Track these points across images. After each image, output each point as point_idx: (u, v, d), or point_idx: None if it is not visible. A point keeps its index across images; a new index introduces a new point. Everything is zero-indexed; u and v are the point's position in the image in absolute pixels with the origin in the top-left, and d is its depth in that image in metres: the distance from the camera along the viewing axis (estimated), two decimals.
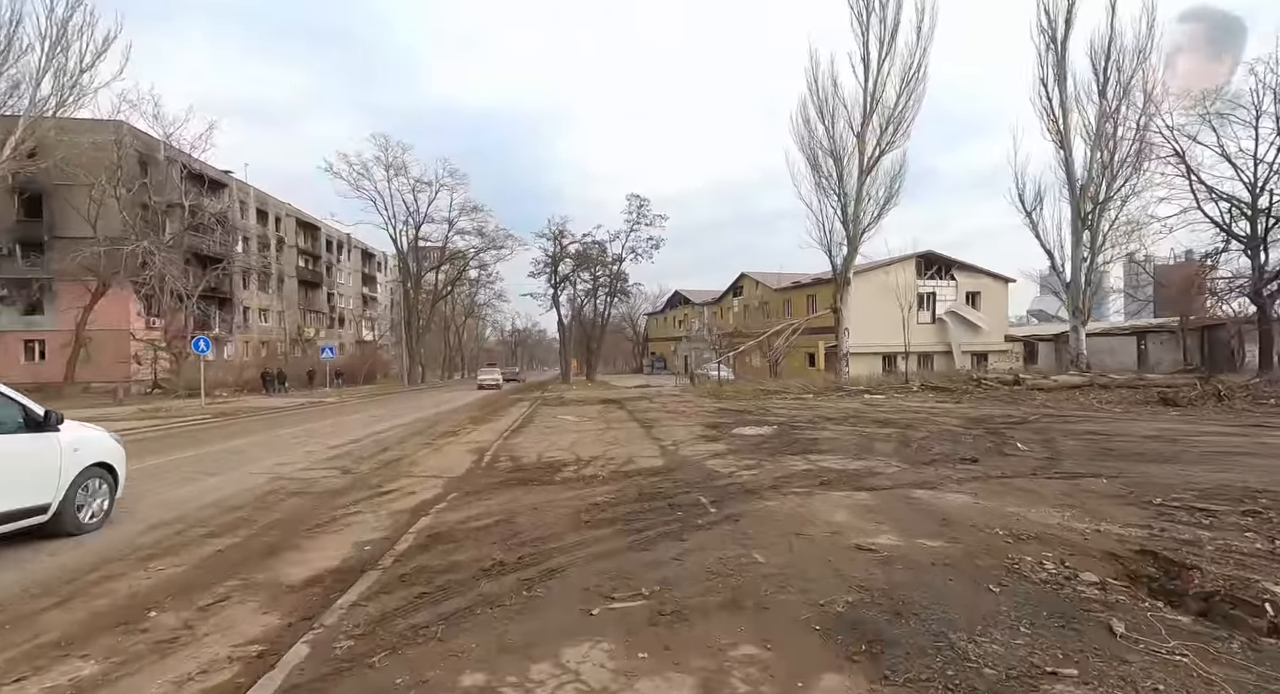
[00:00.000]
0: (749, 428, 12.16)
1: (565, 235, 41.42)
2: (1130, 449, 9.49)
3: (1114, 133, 23.59)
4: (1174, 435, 10.81)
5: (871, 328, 31.30)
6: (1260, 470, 7.41)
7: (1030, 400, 18.24)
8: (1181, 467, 7.80)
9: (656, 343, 69.29)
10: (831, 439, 10.46)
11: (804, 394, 21.70)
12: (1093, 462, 8.47)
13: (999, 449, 9.56)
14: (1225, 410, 15.02)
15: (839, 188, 26.29)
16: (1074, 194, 24.28)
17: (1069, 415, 14.16)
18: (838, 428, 12.15)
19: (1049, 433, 11.34)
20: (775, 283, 42.36)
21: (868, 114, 25.22)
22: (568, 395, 24.69)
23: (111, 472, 6.15)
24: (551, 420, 14.92)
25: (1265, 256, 27.75)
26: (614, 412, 16.69)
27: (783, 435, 10.97)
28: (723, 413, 15.65)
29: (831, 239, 26.72)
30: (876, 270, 33.96)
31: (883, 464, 8.02)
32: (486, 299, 70.41)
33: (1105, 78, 23.13)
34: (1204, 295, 32.87)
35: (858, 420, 13.51)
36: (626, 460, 8.52)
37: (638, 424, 13.14)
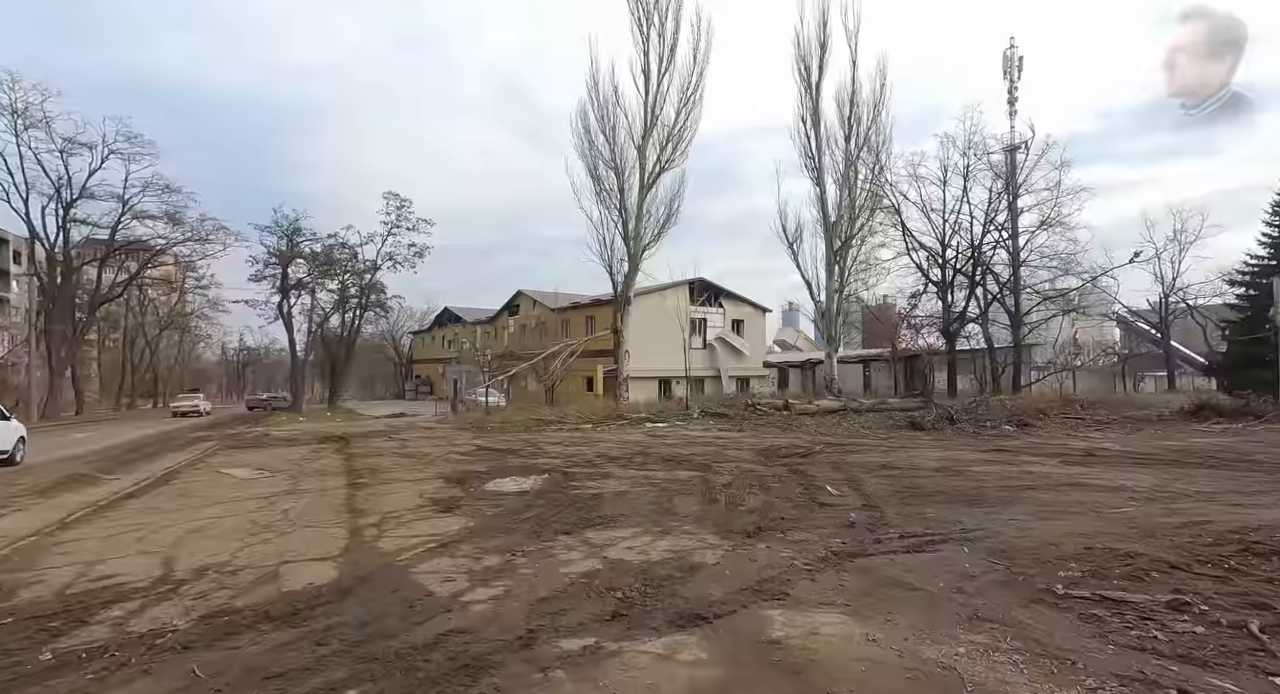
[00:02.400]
0: (510, 480, 8.90)
1: (301, 233, 33.69)
2: (933, 487, 8.57)
3: (854, 178, 26.11)
4: (955, 466, 10.41)
5: (649, 352, 30.53)
6: (1073, 514, 6.78)
7: (802, 426, 18.12)
8: (998, 511, 6.91)
9: (423, 365, 62.11)
10: (620, 495, 7.73)
11: (583, 423, 19.16)
12: (910, 508, 7.32)
13: (813, 498, 7.82)
14: (960, 433, 16.21)
15: (620, 202, 24.94)
16: (827, 229, 26.29)
17: (847, 444, 13.67)
18: (625, 473, 9.55)
19: (845, 468, 10.21)
20: (554, 302, 40.04)
21: (648, 127, 24.37)
22: (278, 431, 18.61)
23: (24, 439, 12.86)
24: (204, 478, 9.80)
25: (951, 298, 33.73)
26: (324, 458, 11.98)
27: (554, 492, 7.93)
28: (481, 454, 12.13)
29: (613, 254, 25.18)
30: (653, 294, 33.66)
31: (697, 543, 5.42)
32: (197, 308, 56.03)
33: (850, 126, 25.60)
34: (900, 331, 39.04)
35: (646, 459, 11.15)
36: (266, 574, 4.59)
37: (345, 480, 8.93)
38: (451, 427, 19.47)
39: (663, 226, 24.82)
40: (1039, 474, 9.58)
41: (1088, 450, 12.54)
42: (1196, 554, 5.04)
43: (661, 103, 24.26)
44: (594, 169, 24.98)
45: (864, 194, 26.60)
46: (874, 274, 29.74)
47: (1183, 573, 4.66)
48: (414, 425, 20.03)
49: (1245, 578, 4.52)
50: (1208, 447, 13.82)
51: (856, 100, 25.46)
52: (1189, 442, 14.77)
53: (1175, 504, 7.41)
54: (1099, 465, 10.63)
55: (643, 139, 24.47)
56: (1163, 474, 9.70)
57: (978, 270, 30.87)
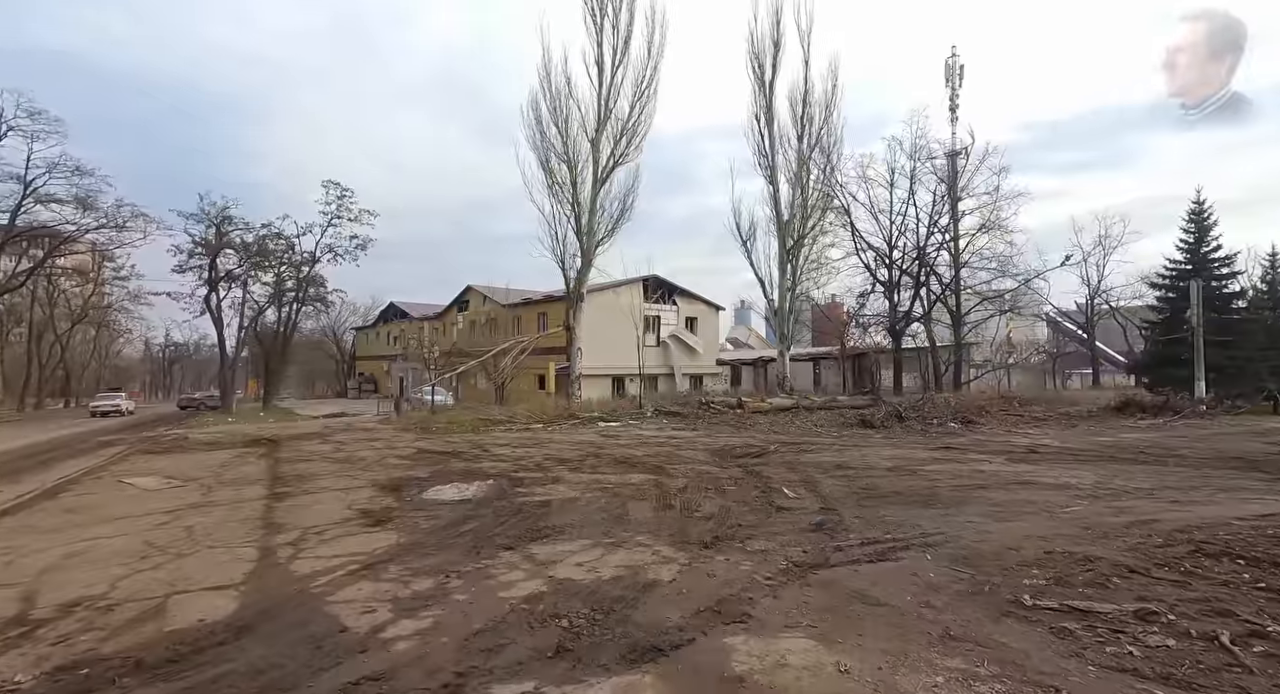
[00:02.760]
0: (451, 486, 8.31)
1: (231, 221, 31.49)
2: (888, 488, 8.50)
3: (807, 178, 26.32)
4: (908, 465, 10.42)
5: (602, 349, 30.06)
6: (1027, 514, 6.77)
7: (756, 425, 18.06)
8: (954, 513, 6.86)
9: (366, 362, 59.71)
10: (570, 502, 7.29)
11: (533, 423, 18.56)
12: (868, 510, 7.23)
13: (769, 501, 7.59)
14: (909, 431, 16.46)
15: (573, 197, 24.33)
16: (780, 227, 26.40)
17: (801, 443, 13.60)
18: (576, 477, 9.09)
19: (801, 469, 10.06)
20: (505, 298, 38.99)
21: (602, 120, 23.85)
22: (200, 434, 17.23)
23: None
24: (102, 490, 8.77)
25: (898, 298, 34.59)
26: (247, 463, 11.02)
27: (499, 500, 7.41)
28: (422, 457, 11.42)
29: (565, 250, 24.55)
30: (607, 291, 33.19)
31: (651, 556, 5.04)
32: (116, 301, 52.04)
33: (802, 125, 25.78)
34: (849, 330, 39.86)
35: (598, 461, 10.72)
36: (149, 609, 3.93)
37: (266, 489, 8.13)
38: (394, 427, 18.52)
39: (616, 222, 24.41)
40: (988, 472, 9.67)
41: (1030, 447, 12.86)
42: (1152, 557, 5.00)
43: (615, 96, 23.83)
44: (546, 161, 24.32)
45: (815, 194, 26.85)
46: (824, 273, 30.12)
47: (1142, 577, 4.59)
48: (352, 426, 18.96)
49: (1202, 581, 4.47)
50: (1137, 442, 14.43)
51: (809, 100, 25.68)
52: (1119, 437, 15.41)
53: (1119, 501, 7.52)
54: (1042, 462, 10.86)
55: (596, 132, 23.94)
56: (1101, 470, 9.95)
57: (922, 271, 31.70)
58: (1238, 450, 12.89)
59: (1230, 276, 23.82)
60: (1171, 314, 24.67)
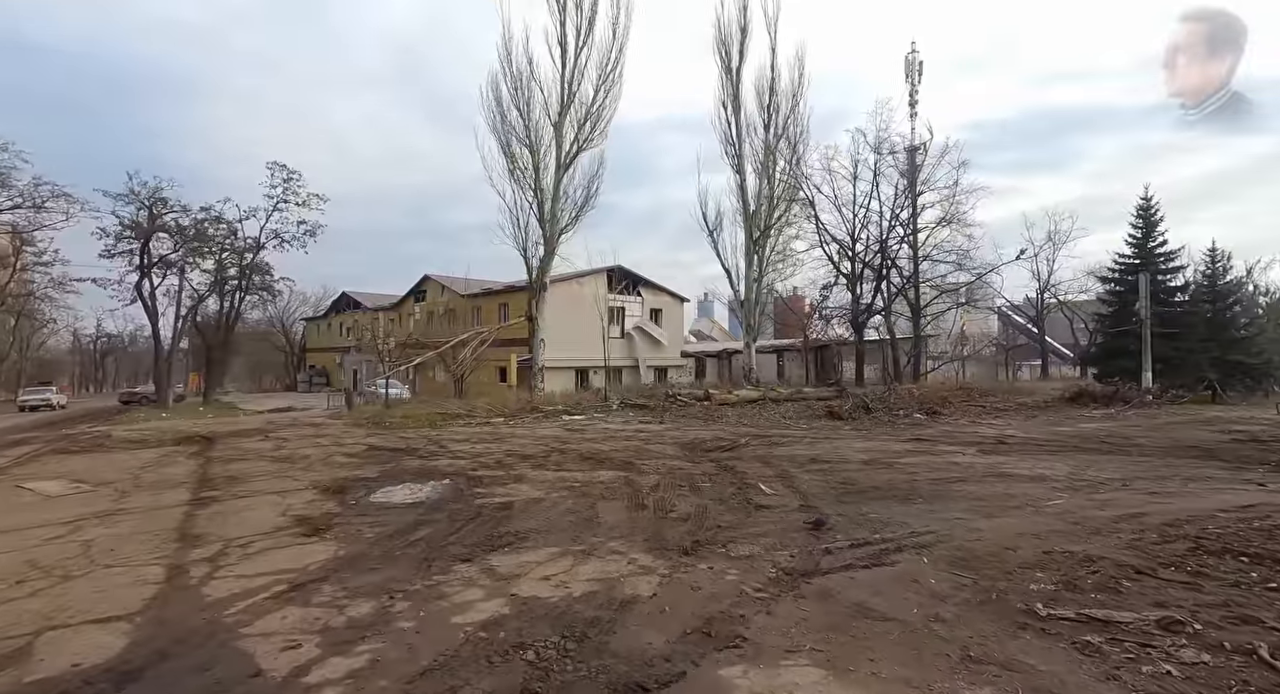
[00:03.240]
0: (403, 487, 7.60)
1: (166, 204, 29.28)
2: (866, 482, 8.21)
3: (773, 168, 26.09)
4: (882, 458, 10.18)
5: (565, 341, 29.34)
6: (1012, 509, 6.59)
7: (724, 417, 17.73)
8: (939, 508, 6.60)
9: (317, 354, 57.29)
10: (534, 504, 6.69)
11: (494, 417, 17.80)
12: (849, 506, 6.93)
13: (748, 499, 7.17)
14: (877, 422, 16.38)
15: (535, 183, 23.46)
16: (747, 218, 26.10)
17: (772, 436, 13.28)
18: (540, 475, 8.49)
19: (775, 463, 9.69)
20: (464, 288, 37.74)
21: (565, 104, 23.03)
22: (126, 431, 15.81)
23: None
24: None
25: (860, 290, 34.90)
26: (174, 464, 9.98)
27: (456, 502, 6.76)
28: (372, 455, 10.61)
29: (527, 237, 23.69)
30: (570, 281, 32.43)
31: (627, 565, 4.52)
32: (39, 288, 48.24)
33: (769, 114, 25.48)
34: (812, 322, 40.15)
35: (563, 458, 10.13)
36: (10, 652, 3.21)
37: (190, 494, 7.23)
38: (344, 423, 17.47)
39: (580, 209, 23.67)
40: (963, 464, 9.50)
41: (997, 438, 12.85)
42: (1154, 555, 4.75)
43: (579, 78, 23.03)
44: (507, 145, 23.38)
45: (782, 184, 26.65)
46: (789, 265, 30.06)
47: (1151, 579, 4.31)
48: (298, 422, 17.81)
49: (1212, 582, 4.22)
50: (1096, 431, 14.67)
51: (776, 88, 25.38)
52: (1079, 427, 15.66)
53: (1098, 494, 7.38)
54: (1012, 453, 10.79)
55: (560, 115, 23.10)
56: (1071, 461, 9.91)
57: (884, 264, 32.01)
58: (1191, 439, 13.19)
59: (1175, 271, 24.70)
60: (1120, 307, 25.46)
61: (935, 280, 34.01)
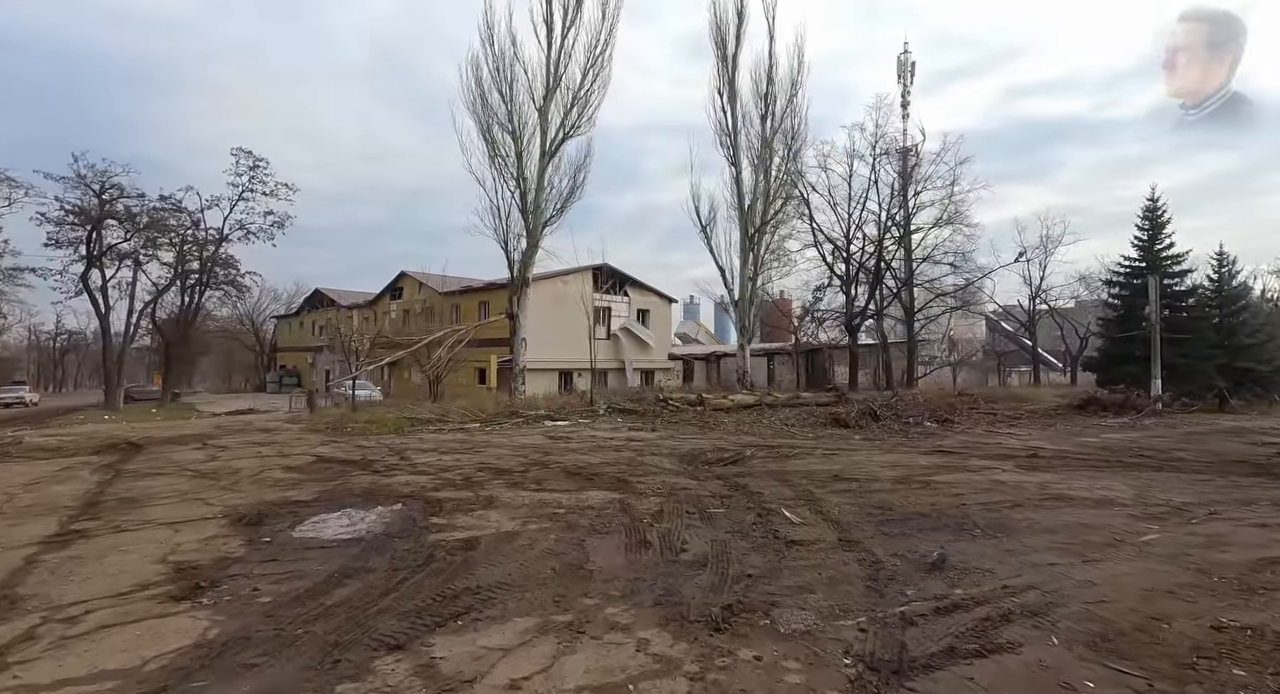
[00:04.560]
0: (341, 515, 6.08)
1: (119, 190, 27.17)
2: (906, 506, 6.93)
3: (770, 161, 24.86)
4: (912, 474, 8.88)
5: (549, 342, 27.85)
6: (1106, 547, 5.29)
7: (720, 423, 16.36)
8: (1013, 546, 5.37)
9: (289, 353, 54.96)
10: (505, 541, 5.23)
11: (469, 422, 16.23)
12: (897, 541, 5.52)
13: (773, 531, 5.81)
14: (887, 430, 15.13)
15: (518, 171, 21.93)
16: (742, 212, 24.83)
17: (778, 446, 11.93)
18: (515, 497, 7.02)
19: (791, 481, 8.34)
20: (442, 285, 36.02)
21: (551, 88, 21.57)
22: (43, 437, 13.94)
23: None
24: None
25: (855, 292, 33.84)
26: (72, 480, 8.27)
27: (404, 538, 5.27)
28: (316, 469, 9.02)
29: (509, 229, 22.12)
30: (554, 279, 30.95)
31: (635, 654, 3.09)
32: None
33: (766, 105, 24.25)
34: (803, 324, 39.09)
35: (545, 472, 8.66)
36: None
37: (56, 525, 5.60)
38: (302, 427, 15.78)
39: (566, 200, 22.17)
40: (1009, 483, 8.22)
41: (1027, 450, 11.65)
42: None
43: (566, 60, 21.58)
44: (487, 130, 21.80)
45: (779, 179, 25.43)
46: (782, 264, 28.89)
47: None
48: (250, 426, 16.07)
49: None
50: (1124, 443, 13.54)
51: (774, 77, 24.14)
52: (1103, 437, 14.55)
53: (1192, 526, 6.13)
54: (1054, 470, 9.56)
55: (545, 100, 21.63)
56: (1124, 480, 8.70)
57: (880, 266, 30.99)
58: (1232, 452, 12.12)
59: (1181, 275, 23.91)
60: (1126, 311, 24.60)
61: (931, 283, 33.06)
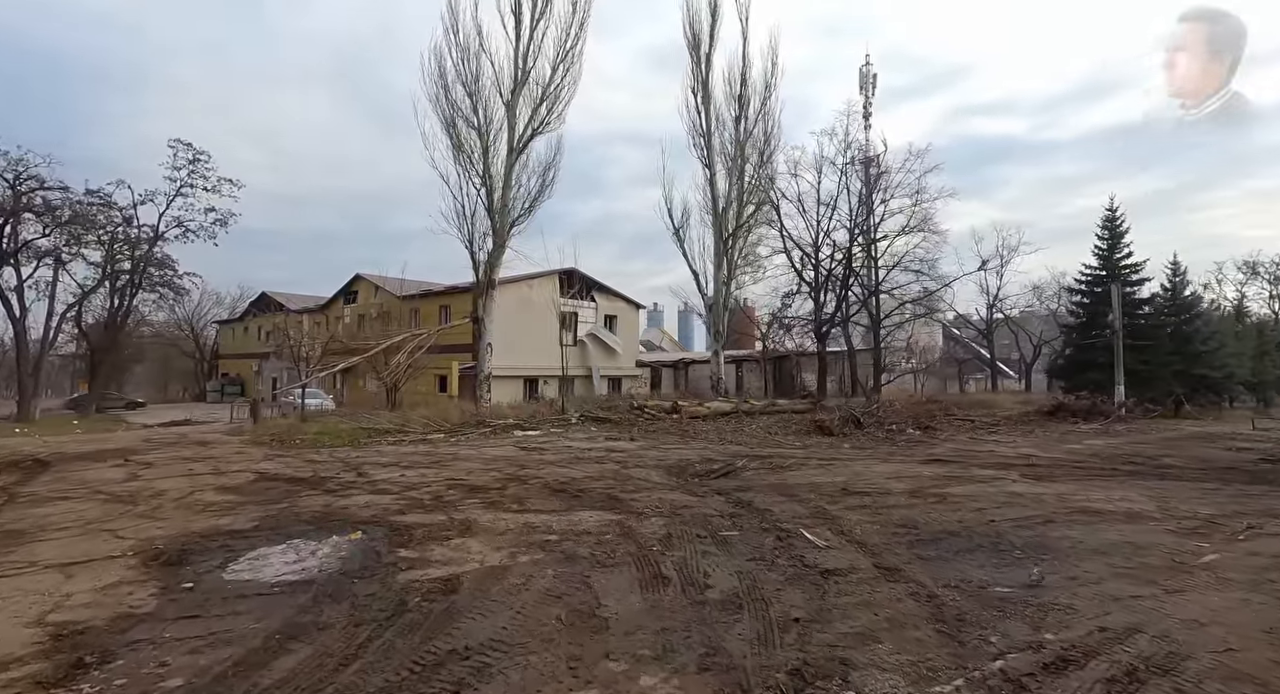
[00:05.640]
0: (284, 550, 5.03)
1: (38, 181, 24.69)
2: (931, 523, 6.33)
3: (743, 163, 24.47)
4: (922, 486, 8.29)
5: (514, 348, 26.69)
6: (1168, 570, 4.75)
7: (699, 432, 15.64)
8: (1074, 574, 4.66)
9: (232, 361, 51.83)
10: (492, 578, 4.30)
11: (432, 432, 15.05)
12: (937, 567, 4.86)
13: (797, 555, 5.09)
14: (872, 438, 14.68)
15: (484, 169, 20.86)
16: (716, 216, 24.32)
17: (770, 456, 11.24)
18: (496, 521, 6.06)
19: (797, 495, 7.64)
20: (401, 289, 34.32)
21: (519, 82, 20.62)
22: None
23: None
24: None
25: (824, 299, 33.82)
26: None
27: (364, 577, 4.28)
28: (257, 489, 7.83)
29: (474, 228, 20.99)
30: (520, 284, 29.84)
31: None
32: None
33: (740, 106, 23.86)
34: (770, 331, 38.99)
35: (525, 490, 7.70)
36: None
37: None
38: (243, 440, 14.30)
39: (535, 199, 21.20)
40: (1026, 496, 7.70)
41: (1023, 459, 11.29)
42: None
43: (535, 54, 20.68)
44: (451, 124, 20.69)
45: (751, 184, 25.05)
46: (755, 271, 28.56)
47: None
48: (185, 439, 14.47)
49: None
50: (1109, 449, 13.41)
51: (748, 78, 23.79)
52: (1086, 444, 14.44)
53: (1244, 543, 5.67)
54: (1059, 479, 9.14)
55: (512, 94, 20.67)
56: (1138, 489, 8.30)
57: (848, 274, 31.03)
58: (1216, 458, 12.05)
59: (1140, 283, 24.53)
60: (1088, 318, 25.08)
61: (897, 289, 33.27)
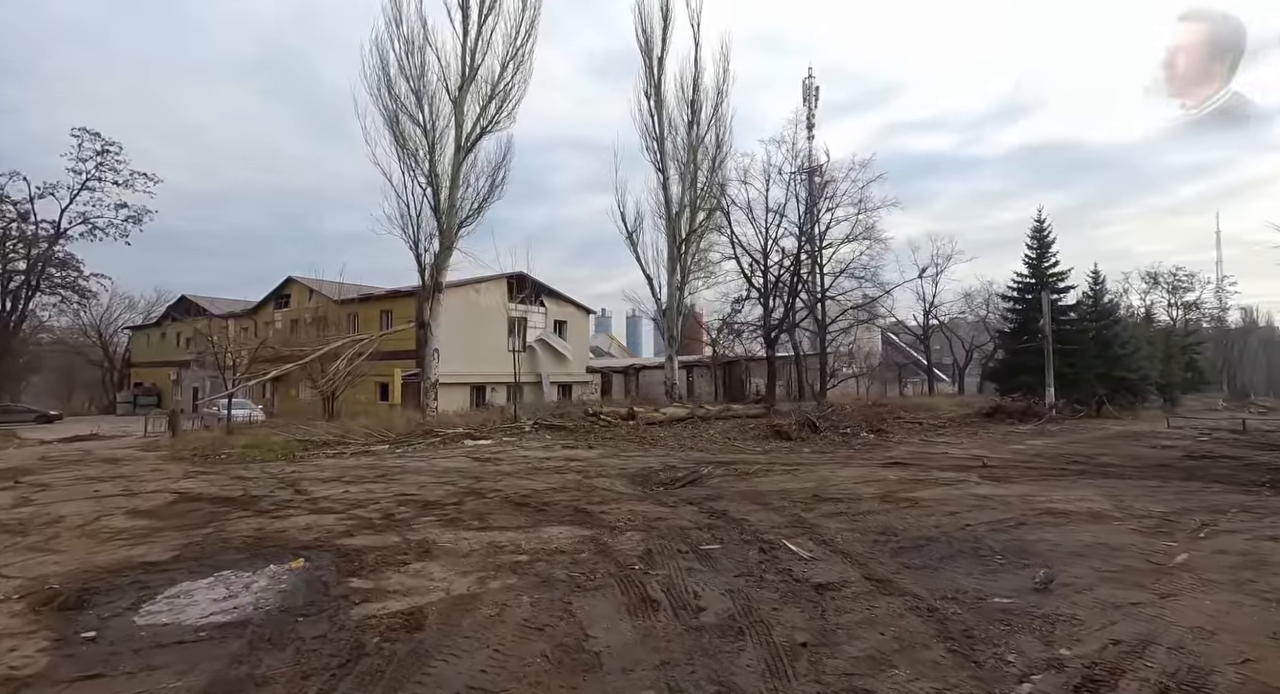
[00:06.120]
0: (212, 585, 4.35)
1: None
2: (906, 529, 6.30)
3: (696, 168, 24.51)
4: (889, 490, 8.25)
5: (460, 354, 25.72)
6: (1152, 573, 4.70)
7: (657, 438, 15.34)
8: (1066, 579, 4.54)
9: (147, 369, 48.00)
10: (460, 610, 3.80)
11: (375, 443, 14.12)
12: (918, 571, 4.77)
13: (784, 568, 4.84)
14: (829, 442, 14.76)
15: (430, 167, 19.99)
16: (670, 220, 24.22)
17: (735, 463, 11.04)
18: (457, 540, 5.53)
19: (768, 502, 7.45)
20: (339, 293, 32.56)
21: (467, 78, 19.90)
22: None
23: None
24: None
25: (773, 304, 34.33)
26: None
27: (309, 615, 3.70)
28: (178, 512, 6.96)
29: (420, 229, 20.06)
30: (466, 288, 28.92)
31: None
32: None
33: (694, 111, 23.90)
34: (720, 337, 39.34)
35: (485, 504, 7.15)
36: None
37: None
38: (161, 455, 12.99)
39: (485, 199, 20.46)
40: (992, 498, 7.75)
41: (975, 460, 11.52)
42: None
43: (484, 50, 20.02)
44: (394, 119, 19.75)
45: (704, 189, 25.12)
46: (708, 277, 28.67)
47: None
48: (90, 455, 12.99)
49: None
50: (1049, 449, 13.91)
51: (700, 83, 23.87)
52: (1027, 444, 14.97)
53: (1206, 540, 5.81)
54: (1015, 480, 9.31)
55: (460, 91, 19.92)
56: (1090, 489, 8.53)
57: (796, 280, 31.63)
58: (1147, 457, 12.63)
59: (1066, 290, 25.99)
60: (1020, 324, 26.33)
61: (844, 295, 34.09)
